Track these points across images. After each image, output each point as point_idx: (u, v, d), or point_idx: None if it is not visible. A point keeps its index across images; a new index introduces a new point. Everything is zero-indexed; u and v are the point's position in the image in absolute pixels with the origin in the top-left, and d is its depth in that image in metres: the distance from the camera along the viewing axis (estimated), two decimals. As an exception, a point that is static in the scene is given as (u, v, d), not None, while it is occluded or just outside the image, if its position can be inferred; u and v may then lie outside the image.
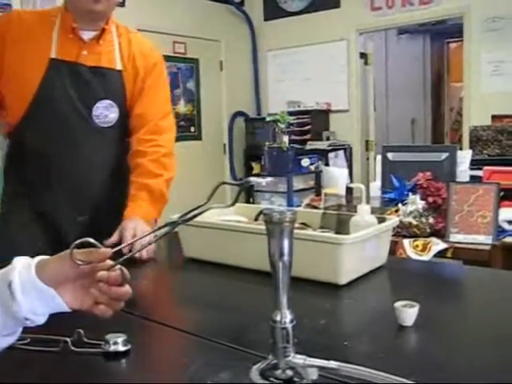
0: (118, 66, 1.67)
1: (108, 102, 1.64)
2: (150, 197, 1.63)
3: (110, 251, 0.77)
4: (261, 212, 1.51)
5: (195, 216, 0.77)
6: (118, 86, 1.67)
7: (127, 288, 0.78)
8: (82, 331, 0.89)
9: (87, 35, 1.62)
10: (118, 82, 1.67)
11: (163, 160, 1.69)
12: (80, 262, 0.75)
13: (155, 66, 1.75)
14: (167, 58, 5.45)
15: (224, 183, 0.77)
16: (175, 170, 1.75)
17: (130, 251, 0.83)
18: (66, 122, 1.60)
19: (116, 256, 0.78)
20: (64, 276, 0.75)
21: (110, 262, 0.77)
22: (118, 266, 0.77)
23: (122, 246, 0.79)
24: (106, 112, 1.63)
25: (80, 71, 1.61)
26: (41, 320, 0.77)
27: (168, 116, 1.78)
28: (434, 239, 2.23)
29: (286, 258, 0.72)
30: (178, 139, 5.43)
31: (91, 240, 0.77)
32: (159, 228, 0.79)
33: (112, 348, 0.88)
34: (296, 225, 0.77)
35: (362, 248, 1.27)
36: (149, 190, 1.63)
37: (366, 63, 5.96)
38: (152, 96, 1.73)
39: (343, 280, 1.22)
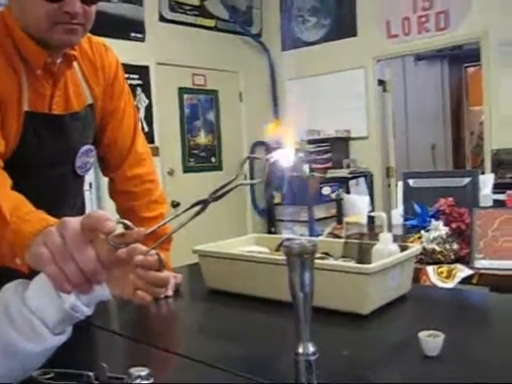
0: (89, 100, 1.46)
1: (87, 147, 1.47)
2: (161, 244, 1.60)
3: (144, 231, 0.77)
4: (282, 243, 1.51)
5: (225, 193, 0.75)
6: (91, 123, 1.49)
7: (165, 274, 0.80)
8: (105, 365, 0.89)
9: (55, 65, 1.35)
10: (91, 118, 1.48)
11: (157, 198, 1.65)
12: (116, 244, 0.75)
13: (116, 76, 1.53)
14: (187, 90, 5.63)
15: (249, 157, 0.76)
16: (166, 199, 1.72)
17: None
18: (48, 186, 1.41)
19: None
20: (102, 263, 0.75)
21: (145, 248, 0.78)
22: (155, 252, 0.78)
23: (155, 227, 0.79)
24: (86, 159, 1.49)
25: (56, 123, 1.38)
26: (87, 311, 0.78)
27: (139, 134, 1.63)
28: (458, 265, 2.20)
29: (307, 289, 0.72)
30: (199, 170, 5.49)
31: (126, 221, 0.78)
32: (189, 208, 0.78)
33: (135, 382, 0.88)
34: (317, 255, 0.77)
35: (385, 277, 1.26)
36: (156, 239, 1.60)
37: (384, 90, 5.98)
38: (121, 115, 1.57)
39: (367, 310, 1.21)
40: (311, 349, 0.73)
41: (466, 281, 2.14)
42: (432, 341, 0.95)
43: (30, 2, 1.22)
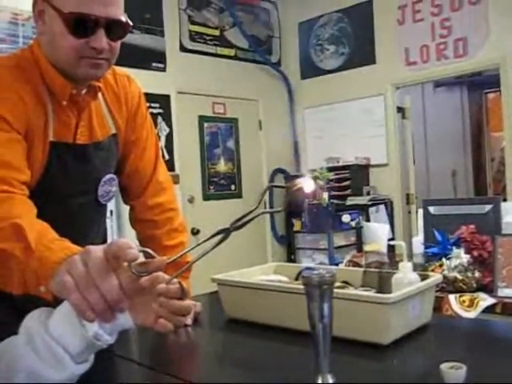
0: (112, 130, 1.49)
1: (109, 176, 1.49)
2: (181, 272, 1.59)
3: (165, 259, 0.78)
4: (301, 272, 1.51)
5: (247, 222, 0.77)
6: (114, 152, 1.51)
7: (188, 302, 0.80)
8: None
9: (80, 96, 1.38)
10: (114, 148, 1.50)
11: (177, 227, 1.65)
12: (138, 273, 0.76)
13: (138, 106, 1.57)
14: (207, 119, 5.69)
15: (273, 186, 0.78)
16: (186, 228, 1.73)
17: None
18: (71, 215, 1.42)
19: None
20: (125, 291, 0.76)
21: (167, 276, 0.78)
22: (177, 280, 0.79)
23: (178, 255, 0.80)
24: (109, 188, 1.51)
25: (81, 153, 1.41)
26: (110, 340, 0.79)
27: (160, 164, 1.65)
28: (481, 294, 2.17)
29: (326, 320, 0.72)
30: (219, 197, 5.53)
31: (147, 250, 0.79)
32: (211, 237, 0.79)
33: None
34: (337, 284, 0.77)
35: (405, 306, 1.24)
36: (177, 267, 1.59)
37: (403, 117, 5.98)
38: (143, 144, 1.59)
39: (387, 340, 1.20)
40: (330, 380, 0.72)
41: (489, 310, 2.10)
42: (454, 373, 0.94)
43: (58, 36, 1.25)
